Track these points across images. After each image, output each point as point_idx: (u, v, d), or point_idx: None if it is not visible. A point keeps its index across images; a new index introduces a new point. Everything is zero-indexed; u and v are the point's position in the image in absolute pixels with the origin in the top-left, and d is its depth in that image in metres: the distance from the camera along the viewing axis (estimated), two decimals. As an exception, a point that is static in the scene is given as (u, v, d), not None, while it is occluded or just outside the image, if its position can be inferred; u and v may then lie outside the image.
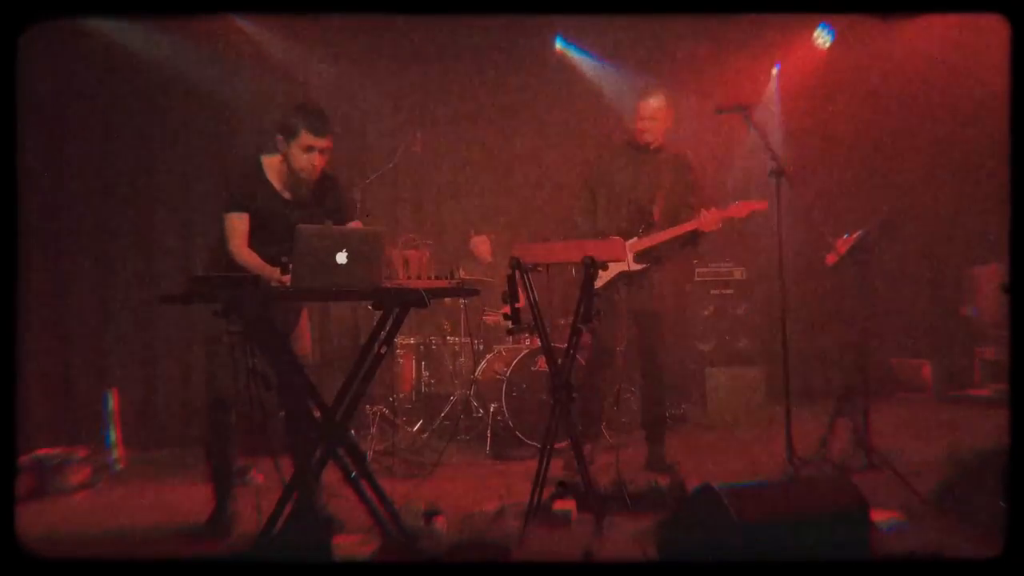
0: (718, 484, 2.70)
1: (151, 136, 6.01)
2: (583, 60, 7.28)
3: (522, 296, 3.51)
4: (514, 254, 3.58)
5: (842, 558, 2.64)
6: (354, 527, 3.28)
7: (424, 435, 5.59)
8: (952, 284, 7.04)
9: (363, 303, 5.73)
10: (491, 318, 5.88)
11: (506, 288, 3.48)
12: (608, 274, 4.48)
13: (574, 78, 7.44)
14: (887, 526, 3.21)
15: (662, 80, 4.75)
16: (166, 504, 4.21)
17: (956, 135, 6.78)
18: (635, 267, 4.50)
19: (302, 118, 3.33)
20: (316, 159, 3.35)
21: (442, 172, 7.16)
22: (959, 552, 2.86)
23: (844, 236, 4.25)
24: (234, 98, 6.30)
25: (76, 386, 5.63)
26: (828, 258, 4.33)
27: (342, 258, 2.85)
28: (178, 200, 6.08)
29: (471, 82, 7.16)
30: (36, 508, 4.13)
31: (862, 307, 4.34)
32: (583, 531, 3.38)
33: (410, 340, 5.96)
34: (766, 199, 4.24)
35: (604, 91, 7.32)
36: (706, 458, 5.01)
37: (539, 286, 3.66)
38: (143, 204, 5.98)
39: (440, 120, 7.09)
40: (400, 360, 5.82)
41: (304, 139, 3.31)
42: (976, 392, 6.59)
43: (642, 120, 4.55)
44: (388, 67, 6.87)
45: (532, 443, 5.01)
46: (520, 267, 3.54)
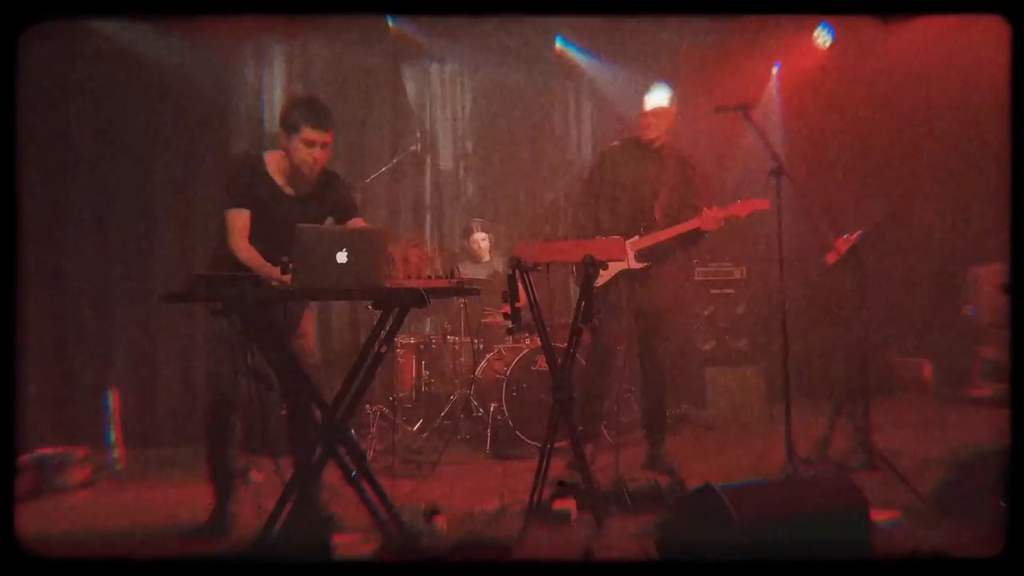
0: (718, 483, 2.71)
1: (151, 136, 6.01)
2: (583, 59, 7.27)
3: (522, 295, 3.51)
4: (514, 253, 3.58)
5: (842, 557, 2.64)
6: (354, 526, 3.28)
7: (424, 434, 5.59)
8: (953, 283, 7.03)
9: (363, 302, 5.73)
10: (491, 317, 5.88)
11: (506, 287, 3.48)
12: (609, 273, 4.47)
13: (574, 77, 7.45)
14: (887, 525, 3.21)
15: (662, 79, 4.72)
16: (166, 503, 4.21)
17: (956, 135, 6.77)
18: (636, 265, 4.49)
19: (303, 112, 3.32)
20: (317, 153, 3.34)
21: (442, 171, 7.16)
22: (959, 552, 2.86)
23: (844, 235, 4.24)
24: (234, 98, 6.31)
25: (76, 385, 5.64)
26: (828, 257, 4.32)
27: (342, 257, 2.85)
28: (178, 199, 6.08)
29: (471, 81, 7.16)
30: (36, 507, 4.14)
31: (862, 306, 4.32)
32: (583, 531, 3.38)
33: (410, 339, 5.96)
34: (767, 198, 4.24)
35: (604, 91, 7.32)
36: (706, 458, 5.01)
37: (539, 285, 3.66)
38: (143, 203, 5.99)
39: (441, 119, 7.09)
40: (400, 359, 5.82)
41: (305, 133, 3.30)
42: (977, 392, 6.58)
43: (646, 117, 4.55)
44: (388, 66, 6.87)
45: (532, 442, 5.01)
46: (520, 266, 3.54)
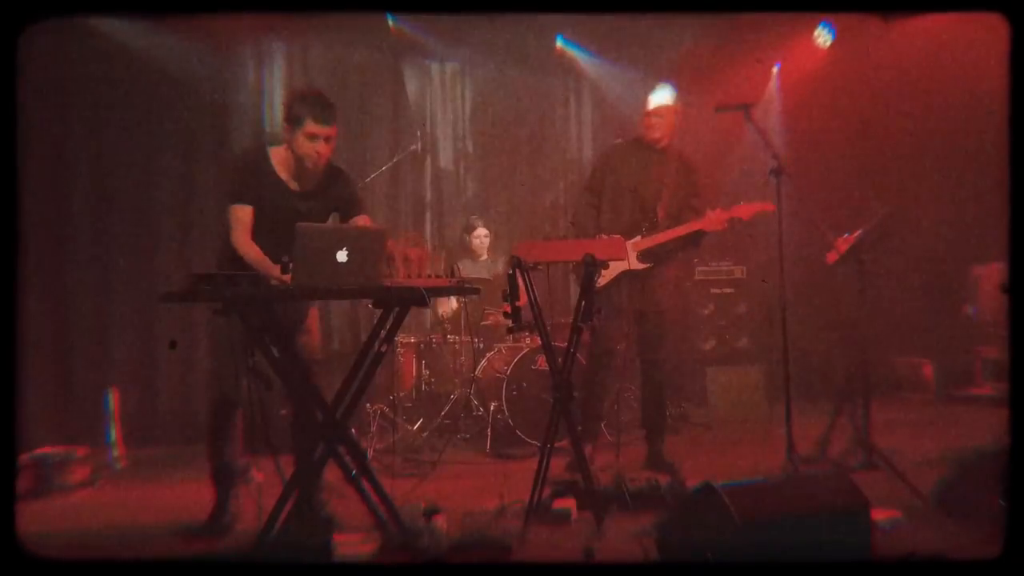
0: (719, 483, 2.70)
1: (151, 135, 6.00)
2: (584, 58, 7.27)
3: (522, 295, 3.51)
4: (514, 253, 3.58)
5: (843, 557, 2.64)
6: (354, 526, 3.28)
7: (424, 434, 5.58)
8: (953, 283, 7.03)
9: (363, 301, 5.73)
10: (492, 317, 5.88)
11: (506, 287, 3.48)
12: (611, 273, 4.47)
13: (574, 76, 7.45)
14: (887, 525, 3.21)
15: (662, 79, 4.72)
16: (166, 503, 4.21)
17: (957, 134, 6.77)
18: (638, 266, 4.48)
19: (307, 106, 3.31)
20: (321, 147, 3.34)
21: (442, 170, 7.16)
22: (959, 551, 2.86)
23: (845, 235, 4.24)
24: (234, 97, 6.31)
25: (76, 384, 5.63)
26: (828, 257, 4.33)
27: (342, 256, 2.85)
28: (178, 198, 6.08)
29: (471, 81, 7.16)
30: (36, 507, 4.13)
31: (862, 306, 4.32)
32: (583, 530, 3.38)
33: (410, 338, 5.96)
34: (770, 200, 4.24)
35: (605, 90, 7.32)
36: (706, 457, 5.01)
37: (539, 285, 3.66)
38: (143, 202, 5.98)
39: (441, 118, 7.09)
40: (400, 358, 5.82)
41: (308, 127, 3.30)
42: (977, 391, 6.59)
43: (649, 117, 4.54)
44: (388, 65, 6.88)
45: (532, 442, 5.01)
46: (520, 266, 3.53)
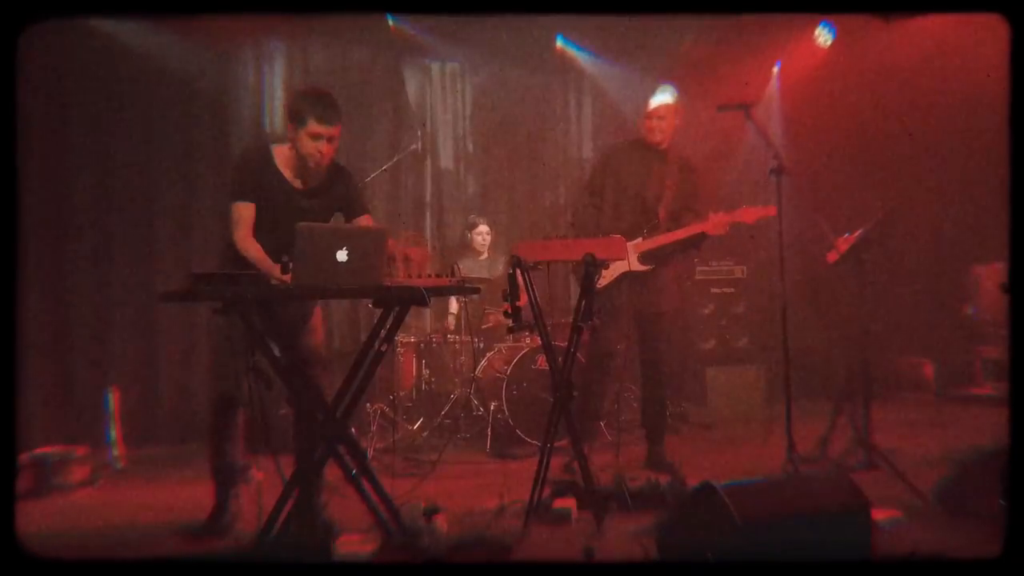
0: (719, 482, 2.70)
1: (151, 135, 6.00)
2: (584, 58, 7.28)
3: (523, 294, 3.51)
4: (514, 252, 3.58)
5: (843, 557, 2.64)
6: (354, 525, 3.28)
7: (424, 433, 5.59)
8: (953, 283, 7.04)
9: (363, 301, 5.73)
10: (492, 316, 5.88)
11: (507, 286, 3.48)
12: (612, 274, 4.46)
13: (574, 76, 7.45)
14: (887, 524, 3.21)
15: (663, 78, 4.72)
16: (166, 502, 4.20)
17: (957, 133, 6.77)
18: (640, 268, 4.47)
19: (310, 105, 3.30)
20: (323, 147, 3.33)
21: (442, 170, 7.17)
22: (959, 551, 2.86)
23: (845, 234, 4.24)
24: (234, 97, 6.31)
25: (76, 384, 5.63)
26: (829, 256, 4.32)
27: (342, 256, 2.85)
28: (178, 198, 6.08)
29: (471, 80, 7.17)
30: (36, 506, 4.13)
31: (863, 305, 4.32)
32: (583, 530, 3.37)
33: (410, 338, 5.96)
34: (771, 200, 4.23)
35: (605, 89, 7.32)
36: (706, 457, 5.01)
37: (539, 284, 3.66)
38: (143, 202, 5.98)
39: (441, 118, 7.09)
40: (400, 358, 5.82)
41: (311, 127, 3.28)
42: (977, 391, 6.59)
43: (650, 119, 4.53)
44: (388, 65, 6.88)
45: (532, 441, 5.01)
46: (520, 265, 3.53)
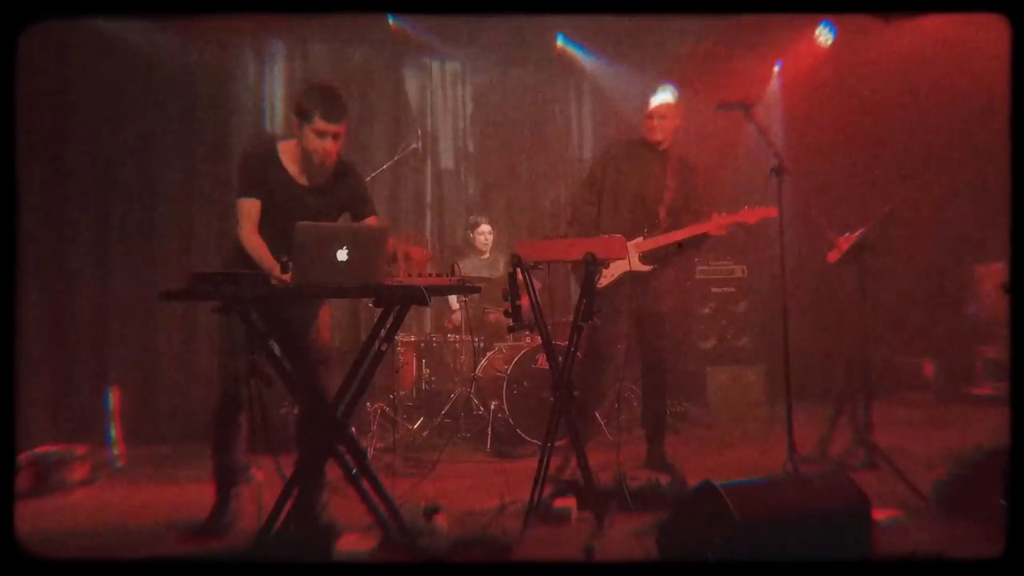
0: (719, 482, 2.70)
1: (151, 134, 6.01)
2: (584, 58, 7.27)
3: (523, 294, 3.51)
4: (515, 251, 3.57)
5: (843, 556, 2.64)
6: (354, 525, 3.28)
7: (425, 433, 5.59)
8: (954, 282, 7.04)
9: (364, 300, 5.72)
10: (492, 315, 5.88)
11: (507, 285, 3.48)
12: (613, 274, 4.46)
13: (575, 76, 7.44)
14: (888, 524, 3.20)
15: (663, 78, 4.72)
16: (166, 501, 4.20)
17: (958, 133, 6.77)
18: (641, 268, 4.45)
19: (316, 102, 3.28)
20: (329, 144, 3.32)
21: (443, 169, 7.17)
22: (960, 551, 2.86)
23: (846, 233, 4.23)
24: (234, 97, 6.31)
25: (77, 383, 5.64)
26: (830, 256, 4.32)
27: (342, 255, 2.84)
28: (179, 198, 6.09)
29: (472, 80, 7.17)
30: (36, 505, 4.13)
31: (864, 304, 4.32)
32: (583, 529, 3.37)
33: (411, 337, 5.96)
34: (772, 199, 4.23)
35: (606, 89, 7.32)
36: (707, 456, 5.01)
37: (540, 283, 3.65)
38: (143, 202, 5.99)
39: (441, 118, 7.09)
40: (401, 357, 5.83)
41: (317, 124, 3.27)
42: (978, 391, 6.58)
43: (651, 118, 4.51)
44: (389, 65, 6.88)
45: (533, 441, 5.01)
46: (521, 265, 3.53)
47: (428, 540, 3.09)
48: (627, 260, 4.24)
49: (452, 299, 6.06)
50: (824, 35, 7.02)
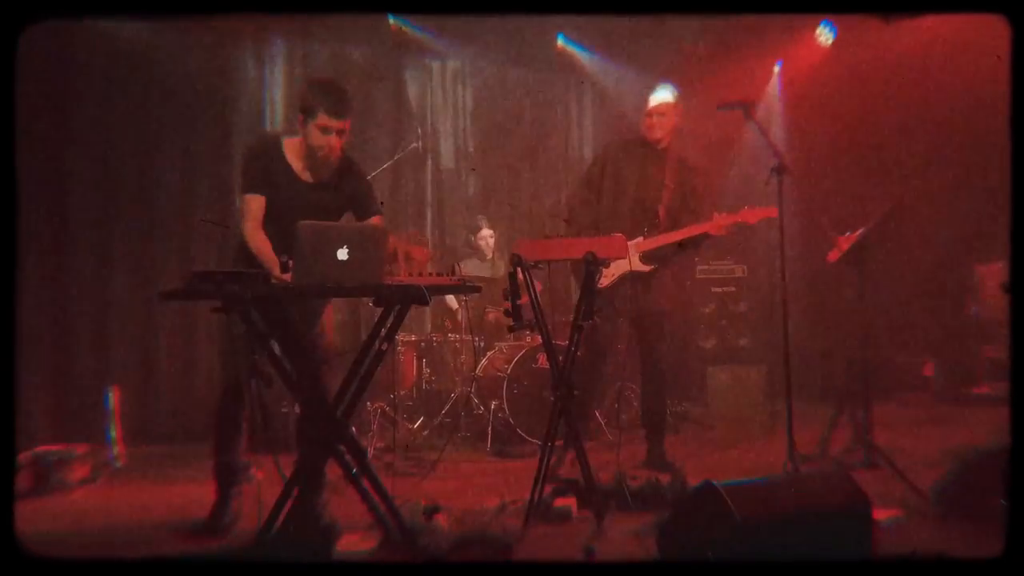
0: (719, 482, 2.70)
1: (151, 134, 6.01)
2: (585, 57, 7.27)
3: (523, 293, 3.51)
4: (515, 251, 3.57)
5: (844, 556, 2.64)
6: (355, 524, 3.28)
7: (425, 432, 5.59)
8: (955, 282, 7.03)
9: (364, 300, 5.72)
10: (492, 315, 5.88)
11: (507, 285, 3.48)
12: (613, 275, 4.46)
13: (575, 75, 7.45)
14: (888, 524, 3.20)
15: (664, 78, 4.71)
16: (166, 500, 4.20)
17: (959, 132, 6.76)
18: (641, 268, 4.45)
19: (320, 98, 3.28)
20: (333, 140, 3.32)
21: (443, 169, 7.17)
22: (960, 550, 2.85)
23: (846, 233, 4.23)
24: (235, 97, 6.31)
25: (77, 382, 5.64)
26: (830, 255, 4.32)
27: (343, 254, 2.84)
28: (179, 198, 6.09)
29: (472, 79, 7.17)
30: (36, 505, 4.13)
31: (864, 304, 4.32)
32: (584, 529, 3.37)
33: (411, 337, 5.96)
34: (773, 199, 4.23)
35: (606, 88, 7.32)
36: (707, 456, 5.01)
37: (540, 283, 3.65)
38: (143, 201, 5.99)
39: (442, 117, 7.09)
40: (401, 357, 5.82)
41: (321, 120, 3.27)
42: (979, 390, 6.58)
43: (650, 116, 4.52)
44: (389, 64, 6.88)
45: (533, 440, 5.02)
46: (521, 264, 3.53)
47: (428, 539, 3.09)
48: (628, 260, 4.24)
49: (451, 299, 6.06)
50: (824, 35, 7.03)
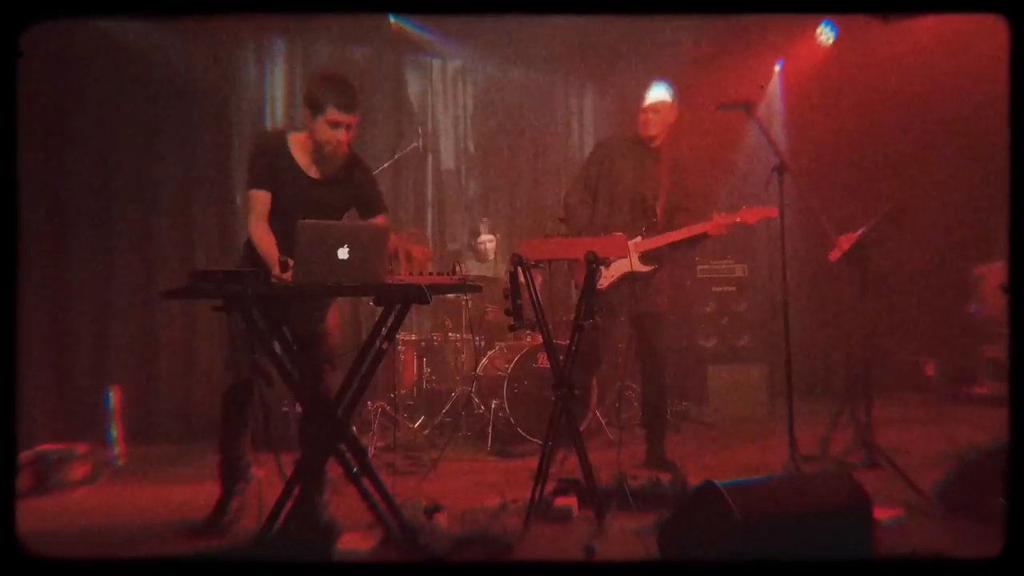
0: (720, 481, 2.70)
1: (152, 134, 6.01)
2: (585, 57, 7.26)
3: (524, 293, 3.51)
4: (515, 251, 3.57)
5: (844, 556, 2.64)
6: (355, 523, 3.28)
7: (425, 431, 5.59)
8: (956, 281, 7.03)
9: (365, 299, 5.73)
10: (493, 315, 5.88)
11: (508, 285, 3.48)
12: (613, 275, 4.45)
13: (576, 75, 7.44)
14: (889, 523, 3.21)
15: (665, 77, 4.71)
16: (167, 500, 4.20)
17: (959, 132, 6.77)
18: (641, 268, 4.45)
19: (329, 92, 3.26)
20: (342, 135, 3.30)
21: (444, 169, 7.17)
22: (961, 550, 2.86)
23: (847, 232, 4.24)
24: (235, 96, 6.31)
25: (77, 382, 5.64)
26: (831, 255, 4.32)
27: (343, 253, 2.84)
28: (179, 197, 6.09)
29: (473, 79, 7.17)
30: (37, 504, 4.13)
31: (865, 304, 4.32)
32: (584, 528, 3.37)
33: (412, 336, 5.96)
34: (773, 199, 4.23)
35: (607, 89, 7.32)
36: (708, 455, 5.01)
37: (541, 282, 3.65)
38: (144, 201, 5.99)
39: (442, 117, 7.10)
40: (402, 356, 5.82)
41: (330, 114, 3.25)
42: (979, 390, 6.58)
43: (645, 113, 4.52)
44: (390, 64, 6.88)
45: (533, 440, 5.01)
46: (522, 264, 3.53)
47: (429, 539, 3.09)
48: (628, 261, 4.24)
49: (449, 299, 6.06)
50: (825, 34, 7.02)
